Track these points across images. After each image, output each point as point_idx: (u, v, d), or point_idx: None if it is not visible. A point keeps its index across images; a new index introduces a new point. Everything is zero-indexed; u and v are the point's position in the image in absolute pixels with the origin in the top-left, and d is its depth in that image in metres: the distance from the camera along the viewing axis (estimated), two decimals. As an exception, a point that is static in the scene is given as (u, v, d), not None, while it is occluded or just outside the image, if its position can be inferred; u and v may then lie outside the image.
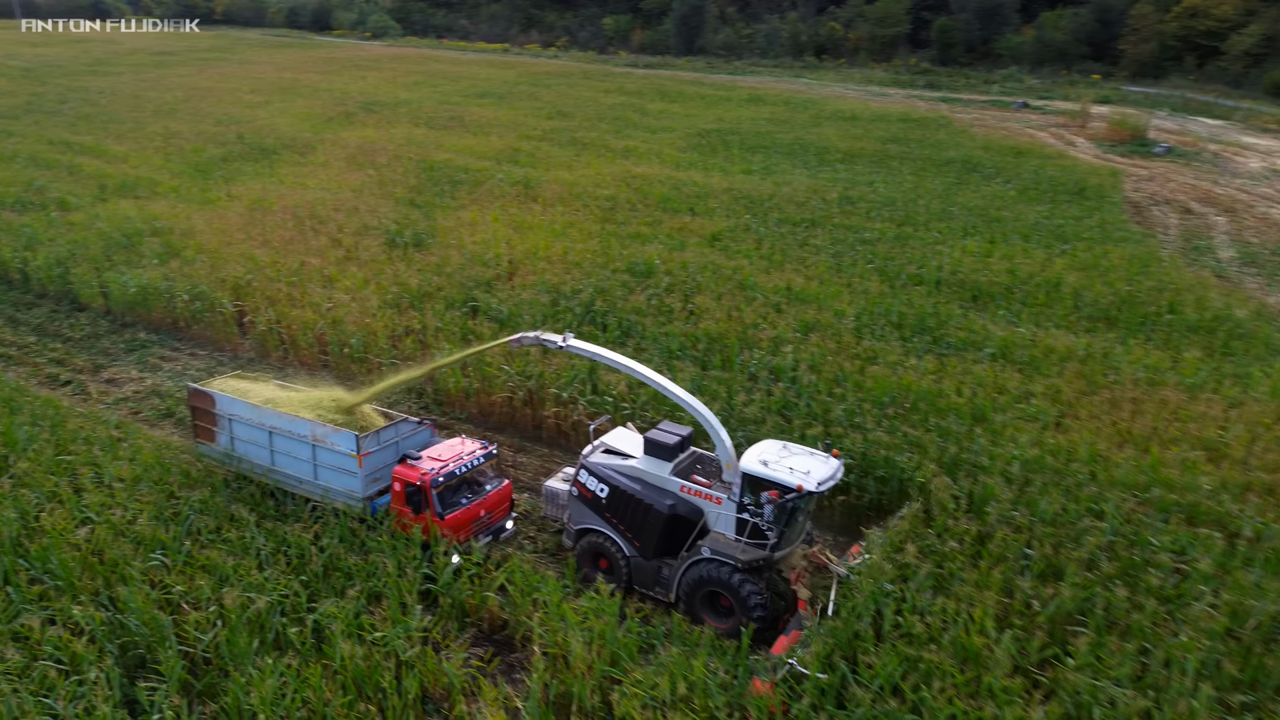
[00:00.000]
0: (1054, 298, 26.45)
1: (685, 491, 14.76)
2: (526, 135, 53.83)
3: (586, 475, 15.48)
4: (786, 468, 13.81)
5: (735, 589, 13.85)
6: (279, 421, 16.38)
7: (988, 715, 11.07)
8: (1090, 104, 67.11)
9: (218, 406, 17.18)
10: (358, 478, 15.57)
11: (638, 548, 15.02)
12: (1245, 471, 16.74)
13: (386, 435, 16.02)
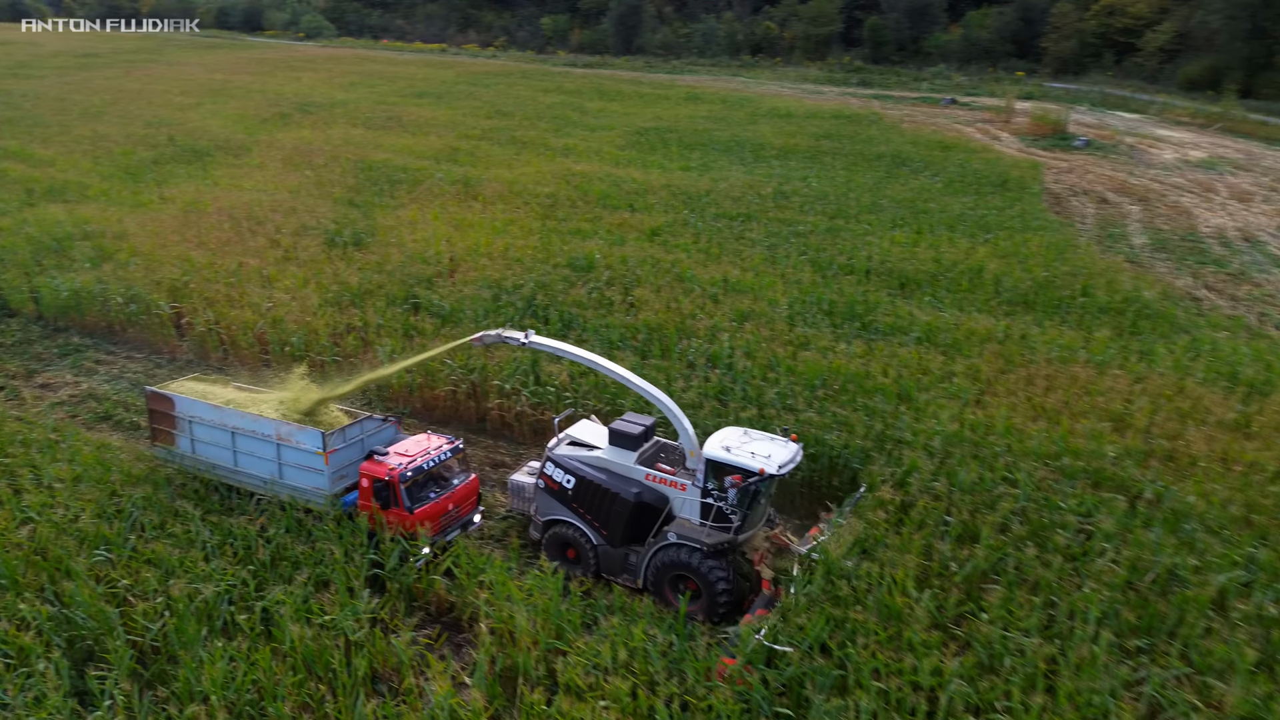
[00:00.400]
0: (976, 284, 27.68)
1: (650, 479, 15.13)
2: (466, 135, 53.93)
3: (553, 467, 15.75)
4: (748, 453, 14.28)
5: (701, 571, 14.27)
6: (242, 422, 16.29)
7: (906, 666, 11.87)
8: (1014, 100, 69.52)
9: (177, 409, 17.02)
10: (324, 475, 15.58)
11: (605, 536, 15.33)
12: (1147, 440, 17.94)
13: (352, 432, 16.07)
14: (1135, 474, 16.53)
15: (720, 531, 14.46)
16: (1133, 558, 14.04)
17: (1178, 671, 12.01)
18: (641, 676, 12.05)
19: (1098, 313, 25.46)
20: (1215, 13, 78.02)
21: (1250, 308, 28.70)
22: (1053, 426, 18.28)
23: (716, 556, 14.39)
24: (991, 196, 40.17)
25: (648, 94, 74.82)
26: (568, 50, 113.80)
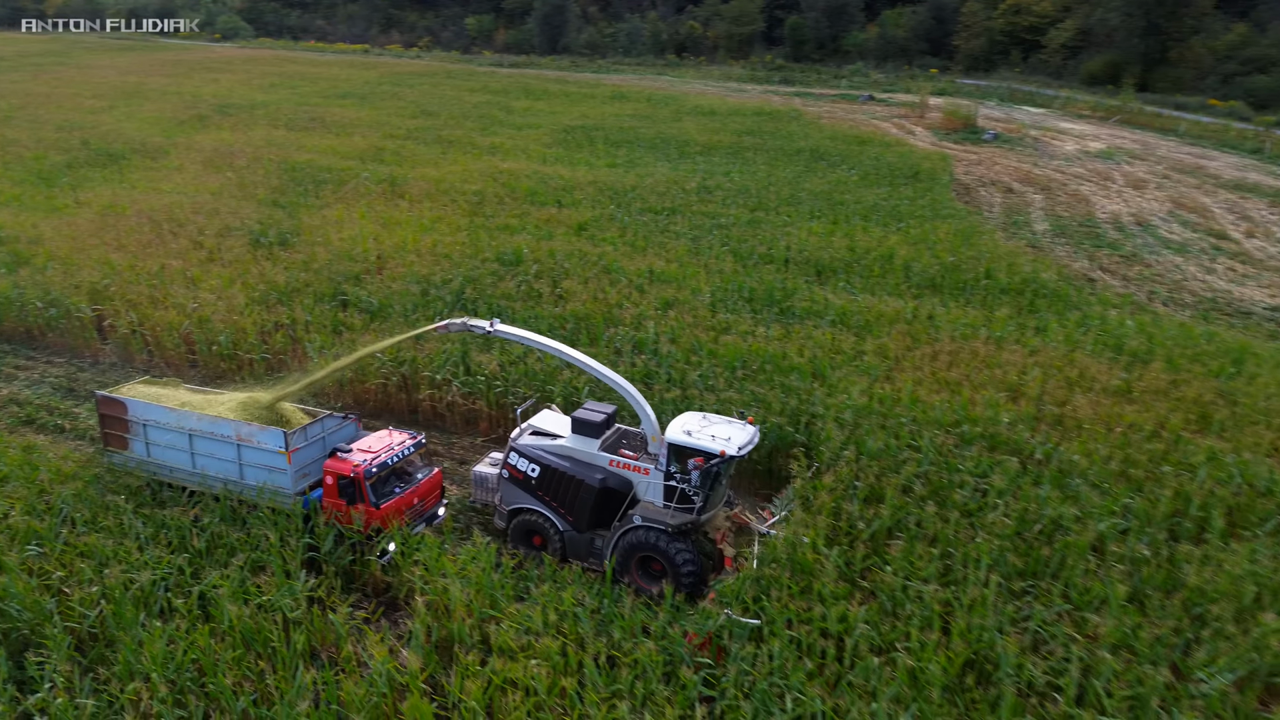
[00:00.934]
0: (887, 269, 29.09)
1: (614, 465, 15.58)
2: (391, 134, 53.80)
3: (517, 457, 16.06)
4: (709, 436, 14.81)
5: (667, 552, 14.71)
6: (200, 424, 16.20)
7: (816, 615, 12.86)
8: (928, 96, 72.10)
9: (130, 413, 16.81)
10: (287, 474, 15.64)
11: (571, 522, 15.72)
12: (1039, 406, 19.37)
13: (313, 431, 16.19)
14: (1027, 437, 17.87)
15: (684, 513, 14.94)
16: (1021, 510, 15.30)
17: (1059, 608, 13.24)
18: (571, 636, 12.78)
19: (999, 293, 27.06)
20: (1113, 10, 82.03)
21: (1140, 287, 30.75)
22: (954, 397, 19.57)
23: (681, 537, 14.85)
24: (904, 188, 41.91)
25: (574, 93, 75.38)
26: (493, 50, 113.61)
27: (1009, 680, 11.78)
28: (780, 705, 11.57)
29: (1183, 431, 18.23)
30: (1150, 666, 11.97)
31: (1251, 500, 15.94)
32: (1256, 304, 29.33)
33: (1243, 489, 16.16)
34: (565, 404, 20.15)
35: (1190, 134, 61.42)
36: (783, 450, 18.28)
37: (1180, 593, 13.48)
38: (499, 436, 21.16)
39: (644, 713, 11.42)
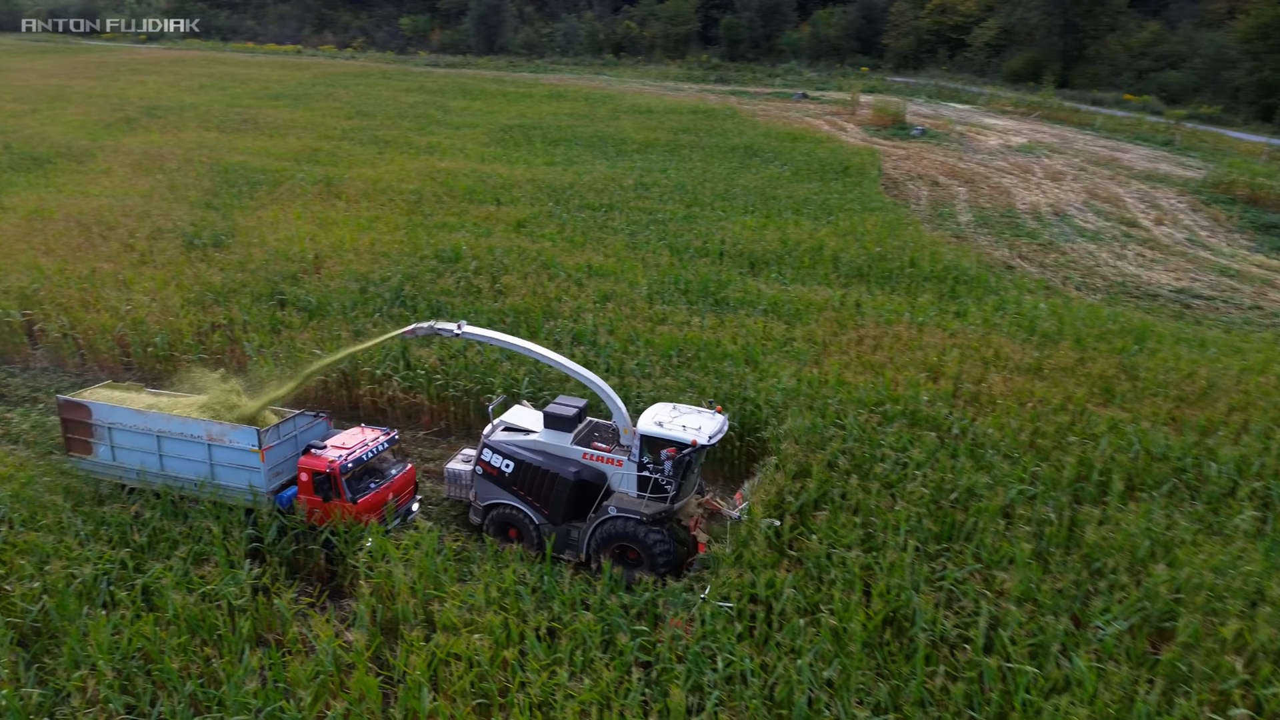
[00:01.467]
0: (817, 260, 30.12)
1: (588, 458, 15.87)
2: (326, 135, 53.42)
3: (490, 453, 16.28)
4: (680, 426, 15.25)
5: (643, 540, 15.14)
6: (169, 425, 16.07)
7: (746, 581, 13.58)
8: (859, 93, 73.91)
9: (95, 416, 16.61)
10: (260, 473, 15.61)
11: (546, 515, 16.02)
12: (956, 385, 20.45)
13: (286, 429, 16.22)
14: (945, 413, 18.89)
15: (658, 501, 15.39)
16: (938, 480, 16.25)
17: (971, 568, 14.18)
18: (513, 611, 13.30)
19: (922, 281, 28.26)
20: (1033, 10, 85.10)
21: (1055, 272, 32.31)
22: (878, 378, 20.53)
23: (655, 525, 15.30)
24: (835, 182, 43.17)
25: (511, 92, 75.53)
26: (429, 51, 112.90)
27: (923, 634, 12.63)
28: (712, 665, 12.25)
29: (1088, 404, 19.46)
30: (1052, 617, 12.94)
31: (1148, 464, 17.15)
32: (1163, 287, 31.06)
33: (1140, 455, 17.37)
34: (507, 395, 20.63)
35: (1106, 128, 64.10)
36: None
37: (1080, 550, 14.53)
38: (440, 430, 21.55)
39: (583, 678, 11.99)
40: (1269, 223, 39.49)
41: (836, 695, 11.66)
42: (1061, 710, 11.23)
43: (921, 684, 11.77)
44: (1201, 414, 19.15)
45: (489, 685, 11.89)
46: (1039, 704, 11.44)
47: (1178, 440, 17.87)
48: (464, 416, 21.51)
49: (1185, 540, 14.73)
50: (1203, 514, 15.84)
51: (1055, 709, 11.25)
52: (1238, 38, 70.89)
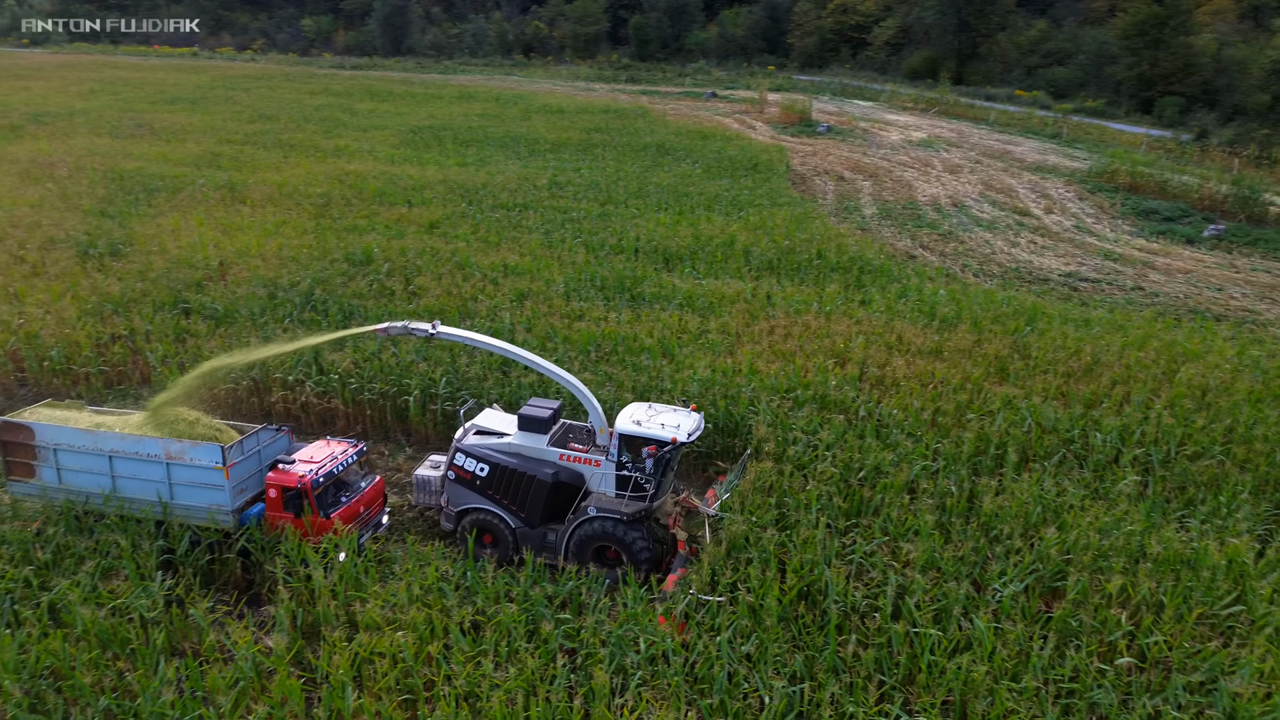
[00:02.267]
0: (729, 255, 30.80)
1: (564, 459, 15.74)
2: (228, 139, 51.90)
3: (463, 457, 15.99)
4: (658, 424, 15.23)
5: (624, 540, 15.12)
6: (122, 444, 15.23)
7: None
8: (767, 92, 75.51)
9: (38, 438, 15.51)
10: (225, 491, 14.97)
11: (523, 518, 15.80)
12: (862, 369, 21.27)
13: (249, 444, 15.59)
14: (853, 397, 19.65)
15: (637, 501, 15.38)
16: (847, 460, 16.94)
17: (878, 540, 14.85)
18: (436, 607, 13.37)
19: (829, 272, 29.20)
20: (929, 9, 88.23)
21: (954, 261, 33.76)
22: (789, 366, 21.20)
23: (635, 524, 15.27)
24: (745, 179, 44.10)
25: (420, 94, 74.58)
26: (333, 52, 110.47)
27: (835, 605, 13.21)
28: (635, 648, 12.57)
29: (984, 383, 20.51)
30: (954, 582, 13.67)
31: (1040, 437, 18.20)
32: (1053, 271, 32.78)
33: (1032, 428, 18.42)
34: (423, 396, 20.58)
35: (999, 122, 66.98)
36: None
37: (979, 519, 15.37)
38: (357, 434, 21.30)
39: (508, 668, 12.16)
40: (1148, 209, 42.01)
41: (755, 668, 12.12)
42: (963, 668, 11.91)
43: (834, 653, 12.32)
44: (1087, 388, 20.39)
45: (414, 680, 11.96)
46: (943, 664, 12.11)
47: (1066, 413, 19.00)
48: (381, 420, 21.34)
49: (1074, 505, 15.72)
50: (1089, 481, 16.91)
51: (958, 668, 11.93)
52: (1118, 34, 74.95)
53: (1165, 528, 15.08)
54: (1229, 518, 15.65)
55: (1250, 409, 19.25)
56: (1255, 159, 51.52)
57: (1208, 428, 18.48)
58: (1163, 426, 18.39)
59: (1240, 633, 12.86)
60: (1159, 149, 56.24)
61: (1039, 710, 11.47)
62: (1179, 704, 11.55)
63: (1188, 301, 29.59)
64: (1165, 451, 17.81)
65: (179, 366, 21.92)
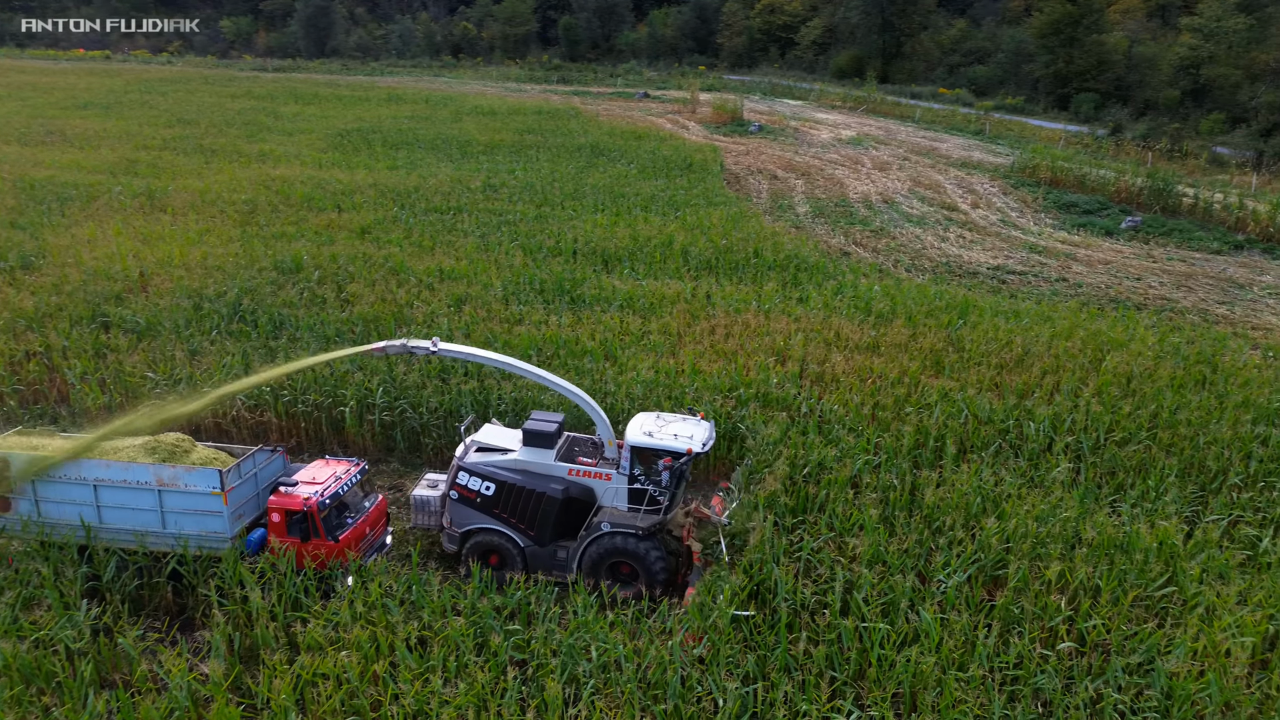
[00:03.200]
0: (668, 255, 30.81)
1: (574, 474, 15.22)
2: (145, 145, 50.07)
3: (467, 476, 15.41)
4: (671, 435, 14.81)
5: (640, 555, 14.68)
6: (108, 472, 14.37)
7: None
8: (698, 92, 75.94)
9: (13, 468, 14.60)
10: (223, 517, 14.20)
11: (532, 536, 15.27)
12: (803, 366, 21.47)
13: (246, 467, 14.80)
14: (794, 393, 19.81)
15: (652, 514, 14.96)
16: (792, 456, 17.03)
17: (825, 537, 14.96)
18: (380, 624, 13.00)
19: (767, 270, 29.44)
20: (854, 9, 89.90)
21: (887, 256, 34.36)
22: (730, 364, 21.28)
23: (650, 539, 14.87)
24: (679, 179, 44.23)
25: (346, 96, 73.06)
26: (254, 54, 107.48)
27: (785, 603, 13.25)
28: (586, 656, 12.42)
29: (921, 376, 20.87)
30: (900, 575, 13.84)
31: (976, 428, 18.59)
32: (981, 265, 33.60)
33: (969, 419, 18.81)
34: (359, 406, 20.07)
35: (924, 120, 68.56)
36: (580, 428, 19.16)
37: (921, 511, 15.60)
38: (291, 447, 20.66)
39: (458, 683, 11.89)
40: (1069, 202, 43.41)
41: (708, 670, 12.07)
42: (912, 661, 12.05)
43: (785, 651, 12.35)
44: (1019, 379, 20.92)
45: (360, 701, 11.60)
46: (892, 657, 12.24)
47: (1000, 404, 19.45)
48: (316, 432, 20.74)
49: (1011, 494, 16.07)
50: (1025, 469, 17.32)
51: (907, 660, 12.06)
52: (1034, 33, 77.36)
53: (1098, 513, 15.52)
54: (1158, 501, 16.19)
55: (1173, 394, 19.98)
56: (1167, 152, 53.68)
57: (1134, 414, 19.12)
58: (1091, 414, 18.96)
59: (1174, 613, 13.29)
60: (1076, 144, 58.20)
61: (986, 698, 11.65)
62: (1119, 685, 11.86)
63: (1109, 291, 30.62)
64: (1095, 438, 18.36)
65: (99, 383, 21.03)
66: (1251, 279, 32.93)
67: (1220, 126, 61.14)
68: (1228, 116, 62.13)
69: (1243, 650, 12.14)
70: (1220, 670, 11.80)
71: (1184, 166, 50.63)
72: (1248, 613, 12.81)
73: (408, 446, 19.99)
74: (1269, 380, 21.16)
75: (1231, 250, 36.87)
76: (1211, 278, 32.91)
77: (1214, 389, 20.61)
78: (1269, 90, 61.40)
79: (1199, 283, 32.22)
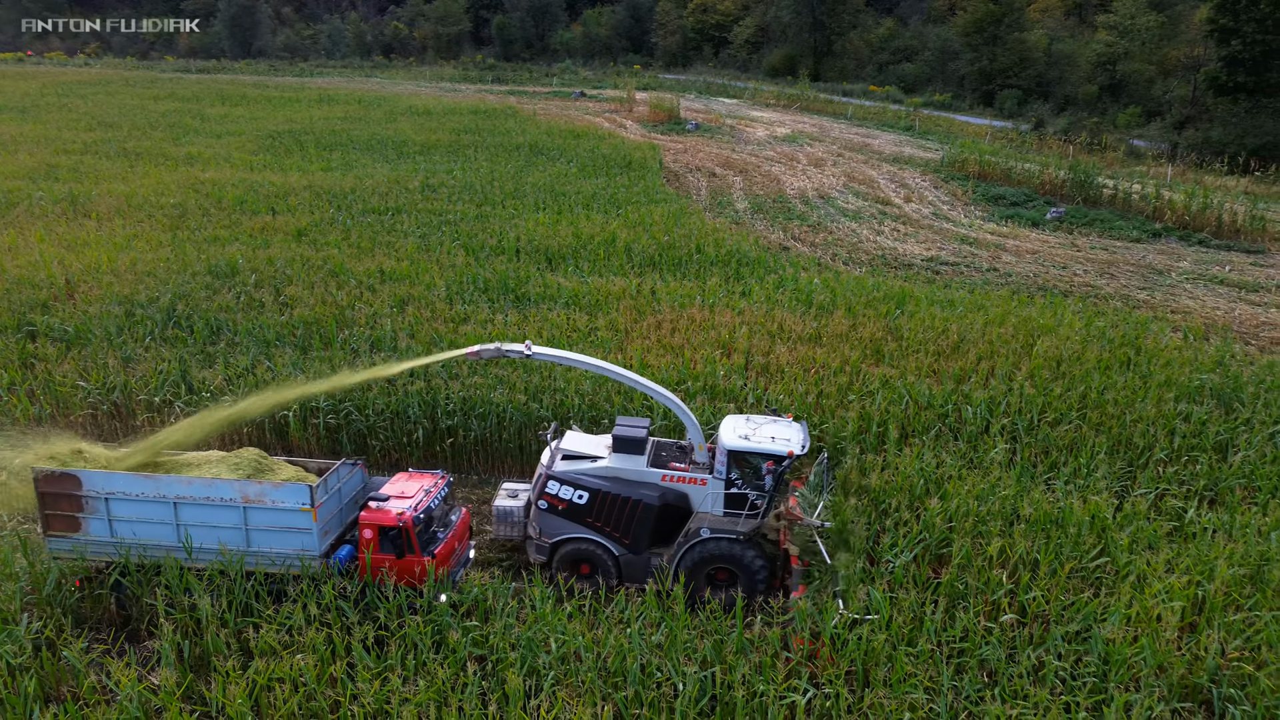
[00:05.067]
0: (611, 252, 30.95)
1: (667, 480, 15.02)
2: (64, 149, 48.33)
3: (558, 485, 15.18)
4: (768, 437, 14.63)
5: (742, 560, 14.56)
6: (190, 489, 13.87)
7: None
8: (634, 90, 76.24)
9: (85, 487, 13.96)
10: (313, 533, 13.72)
11: (627, 545, 15.07)
12: (747, 358, 21.82)
13: (332, 482, 14.31)
14: (740, 385, 20.13)
15: (752, 519, 14.86)
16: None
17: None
18: (336, 625, 12.88)
19: (709, 266, 29.79)
20: (785, 9, 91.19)
21: (825, 250, 35.03)
22: (677, 358, 21.51)
23: (750, 544, 14.74)
24: (619, 177, 44.39)
25: (275, 97, 71.49)
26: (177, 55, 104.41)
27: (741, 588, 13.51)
28: (545, 648, 12.49)
29: (862, 364, 21.39)
30: (851, 555, 14.22)
31: (917, 413, 19.14)
32: (916, 257, 34.49)
33: (910, 405, 19.36)
34: (303, 410, 19.76)
35: (857, 116, 69.96)
36: (530, 426, 19.21)
37: (868, 494, 16.03)
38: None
39: (417, 681, 11.86)
40: (997, 194, 44.79)
41: (666, 656, 12.26)
42: (864, 639, 12.41)
43: (741, 634, 12.61)
44: (956, 365, 21.59)
45: (318, 704, 11.50)
46: (845, 635, 12.58)
47: (939, 389, 20.06)
48: (260, 438, 20.33)
49: (952, 475, 16.59)
50: (965, 451, 17.91)
51: (858, 639, 12.41)
52: (959, 31, 79.58)
53: (1034, 490, 16.13)
54: (1089, 477, 16.91)
55: (1100, 376, 20.85)
56: (1087, 146, 55.75)
57: (1064, 395, 19.89)
58: (1025, 397, 19.68)
59: (1107, 583, 13.92)
60: (1002, 139, 60.04)
61: (935, 671, 12.07)
62: (1059, 653, 12.40)
63: (1037, 280, 31.72)
64: (1029, 420, 19.06)
65: (28, 394, 20.33)
66: (1169, 265, 34.45)
67: (1136, 120, 63.72)
68: (1143, 110, 64.79)
69: (1172, 615, 12.78)
70: (1153, 634, 12.41)
71: (1103, 159, 52.64)
72: (1175, 579, 13.49)
73: (354, 449, 19.75)
74: (1189, 360, 22.21)
75: (1150, 238, 38.50)
76: (1132, 265, 34.34)
77: (1138, 370, 21.56)
78: (1180, 84, 64.22)
79: (1121, 270, 33.59)
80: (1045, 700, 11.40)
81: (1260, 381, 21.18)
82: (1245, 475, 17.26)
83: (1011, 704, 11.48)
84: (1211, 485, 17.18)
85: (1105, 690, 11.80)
